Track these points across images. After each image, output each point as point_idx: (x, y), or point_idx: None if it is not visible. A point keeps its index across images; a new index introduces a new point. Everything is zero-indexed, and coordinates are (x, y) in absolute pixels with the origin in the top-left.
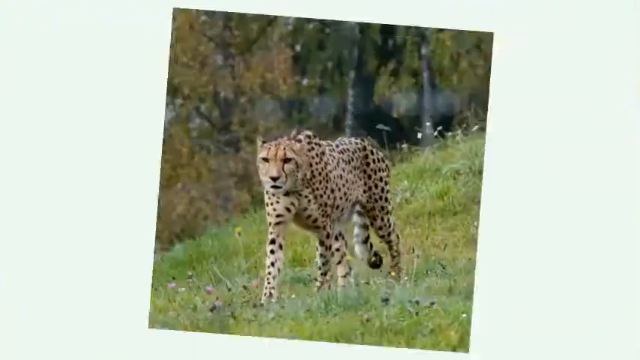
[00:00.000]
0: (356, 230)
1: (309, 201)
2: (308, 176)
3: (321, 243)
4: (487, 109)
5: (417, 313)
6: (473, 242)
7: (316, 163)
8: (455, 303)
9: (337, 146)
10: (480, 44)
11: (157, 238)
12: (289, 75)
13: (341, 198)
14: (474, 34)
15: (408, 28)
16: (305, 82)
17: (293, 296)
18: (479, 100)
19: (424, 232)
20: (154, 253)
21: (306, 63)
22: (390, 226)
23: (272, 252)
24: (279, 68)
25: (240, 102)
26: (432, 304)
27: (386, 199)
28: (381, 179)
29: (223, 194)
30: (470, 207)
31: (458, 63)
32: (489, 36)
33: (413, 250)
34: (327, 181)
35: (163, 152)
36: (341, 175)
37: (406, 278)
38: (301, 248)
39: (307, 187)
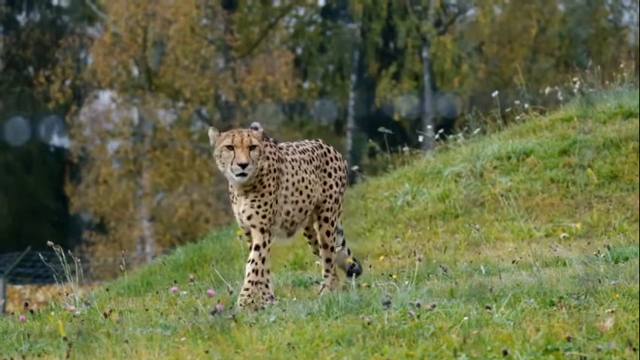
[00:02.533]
0: None
1: (247, 197)
2: (264, 171)
3: (256, 247)
4: (488, 112)
5: (418, 316)
6: (474, 245)
7: (275, 161)
8: (456, 306)
9: (297, 147)
10: (481, 47)
11: (159, 241)
12: (290, 78)
13: (304, 201)
14: (474, 36)
15: (409, 30)
16: (306, 85)
17: (294, 299)
18: (480, 102)
19: (425, 234)
20: (156, 256)
21: (307, 66)
22: (334, 239)
23: (263, 260)
24: (280, 71)
25: (241, 105)
26: (434, 306)
27: (338, 203)
28: (340, 179)
29: (224, 197)
30: (471, 210)
31: (459, 66)
32: (490, 39)
33: (414, 253)
34: (276, 184)
35: (165, 155)
36: (303, 178)
37: (407, 282)
38: (302, 251)
39: (254, 186)
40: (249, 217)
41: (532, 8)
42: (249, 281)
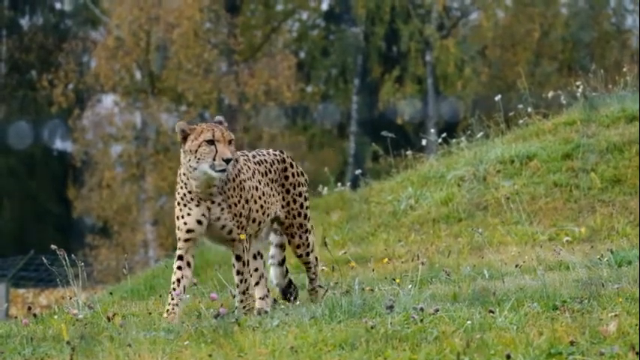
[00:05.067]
0: (272, 250)
1: (223, 209)
2: (224, 179)
3: (238, 258)
4: (491, 116)
5: (421, 320)
6: (477, 249)
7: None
8: (460, 310)
9: (254, 157)
10: (484, 51)
11: (161, 245)
12: (293, 82)
13: (257, 211)
14: (477, 40)
15: (412, 34)
16: (309, 88)
17: (297, 303)
18: (483, 106)
19: (428, 238)
20: (159, 260)
21: (311, 70)
22: (308, 246)
23: (179, 268)
24: (283, 75)
25: (244, 109)
26: (437, 310)
27: (305, 216)
28: (300, 194)
29: None
30: (474, 214)
31: (462, 70)
32: (493, 42)
33: (417, 256)
34: (241, 189)
35: (168, 159)
36: (256, 187)
37: (410, 286)
38: None
39: (220, 195)
40: (229, 232)
41: (535, 12)
42: (241, 292)
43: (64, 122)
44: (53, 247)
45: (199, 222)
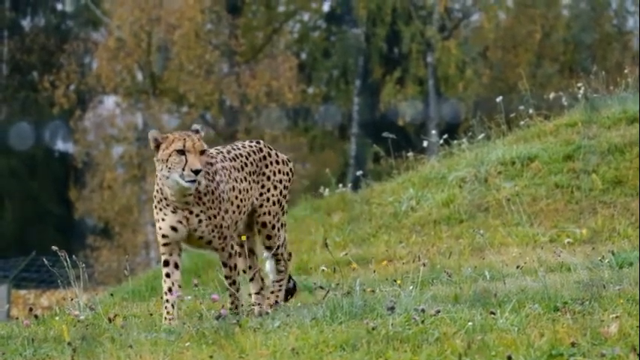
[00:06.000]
0: None
1: (201, 221)
2: (202, 191)
3: (224, 264)
4: (492, 118)
5: (422, 321)
6: (479, 250)
7: (209, 181)
8: (461, 311)
9: (229, 152)
10: (485, 52)
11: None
12: (295, 83)
13: (234, 212)
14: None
15: (413, 35)
16: (310, 90)
17: (299, 304)
18: (484, 108)
19: (430, 240)
20: (160, 261)
21: (312, 71)
22: (279, 239)
23: (167, 275)
24: (284, 76)
25: (245, 110)
26: (438, 312)
27: (281, 206)
28: (280, 181)
29: None
30: (475, 215)
31: (463, 71)
32: (494, 44)
33: (418, 258)
34: (220, 202)
35: None
36: (233, 187)
37: (412, 287)
38: (306, 257)
39: (198, 205)
40: (209, 243)
41: (536, 13)
42: (232, 294)
43: (66, 123)
44: (54, 248)
45: (174, 228)
